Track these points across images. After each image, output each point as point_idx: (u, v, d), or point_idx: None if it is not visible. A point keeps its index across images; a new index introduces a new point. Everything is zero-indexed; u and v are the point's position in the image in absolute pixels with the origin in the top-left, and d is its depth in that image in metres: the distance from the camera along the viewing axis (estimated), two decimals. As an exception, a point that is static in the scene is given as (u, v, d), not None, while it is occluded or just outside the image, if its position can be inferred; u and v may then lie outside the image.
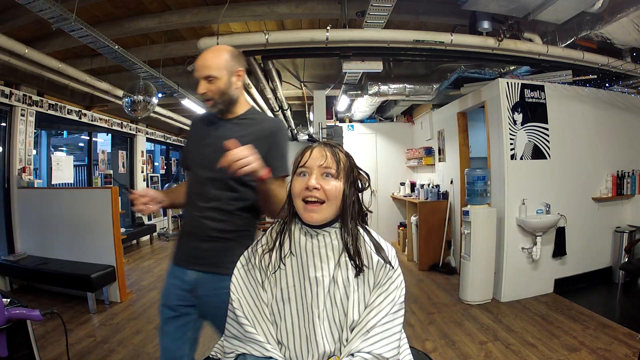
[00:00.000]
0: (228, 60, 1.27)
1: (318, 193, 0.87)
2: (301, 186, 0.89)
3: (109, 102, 4.97)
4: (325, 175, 0.89)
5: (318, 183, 0.87)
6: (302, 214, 0.89)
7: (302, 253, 0.90)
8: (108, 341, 2.71)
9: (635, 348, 2.36)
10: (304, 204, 0.88)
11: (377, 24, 2.81)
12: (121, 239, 3.66)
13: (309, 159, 0.90)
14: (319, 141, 0.97)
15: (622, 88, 4.03)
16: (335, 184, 0.89)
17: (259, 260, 0.93)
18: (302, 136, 8.67)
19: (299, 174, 0.91)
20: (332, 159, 0.90)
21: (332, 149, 0.92)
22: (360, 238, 0.91)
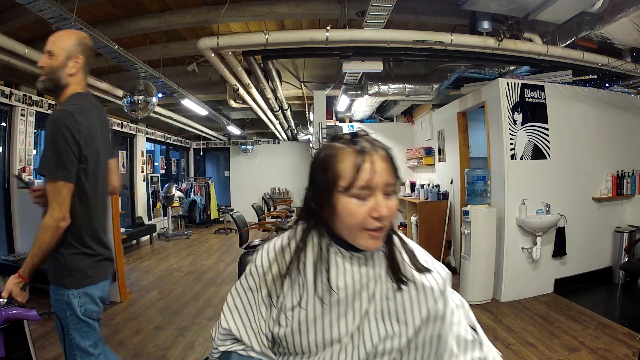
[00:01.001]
0: (73, 44, 1.30)
1: (386, 220, 0.70)
2: (364, 214, 0.68)
3: (109, 102, 4.97)
4: (387, 195, 0.70)
5: (387, 208, 0.69)
6: (362, 242, 0.71)
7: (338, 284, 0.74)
8: (108, 341, 2.71)
9: (635, 348, 2.36)
10: (367, 230, 0.70)
11: (377, 24, 2.81)
12: (121, 239, 3.66)
13: (375, 176, 0.68)
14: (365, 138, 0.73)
15: (622, 88, 4.03)
16: (395, 202, 0.72)
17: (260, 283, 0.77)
18: (302, 136, 8.67)
19: (355, 196, 0.68)
20: (392, 170, 0.72)
21: (391, 157, 0.73)
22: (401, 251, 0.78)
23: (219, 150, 10.51)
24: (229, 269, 4.82)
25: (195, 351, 2.58)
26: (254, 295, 0.77)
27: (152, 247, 6.56)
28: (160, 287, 4.10)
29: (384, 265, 0.76)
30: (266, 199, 8.65)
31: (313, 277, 0.73)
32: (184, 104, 4.88)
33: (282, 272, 0.76)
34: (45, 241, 1.19)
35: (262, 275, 0.77)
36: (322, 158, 0.73)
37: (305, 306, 0.73)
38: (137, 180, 6.96)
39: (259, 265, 0.78)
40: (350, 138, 0.72)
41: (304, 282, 0.74)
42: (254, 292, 0.77)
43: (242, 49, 3.13)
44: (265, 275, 0.76)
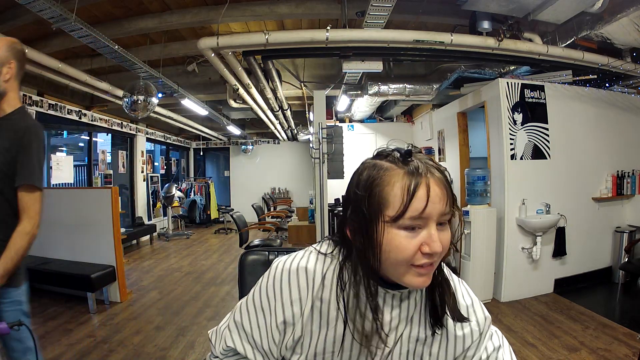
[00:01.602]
0: (4, 50, 1.25)
1: (438, 256, 0.60)
2: (414, 248, 0.58)
3: (109, 102, 4.97)
4: (440, 225, 0.60)
5: (440, 243, 0.59)
6: (406, 280, 0.61)
7: None
8: (108, 341, 2.71)
9: (635, 348, 2.36)
10: (414, 267, 0.60)
11: (377, 24, 2.81)
12: (121, 239, 3.66)
13: (429, 204, 0.57)
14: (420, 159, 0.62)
15: (622, 88, 4.03)
16: (449, 234, 0.61)
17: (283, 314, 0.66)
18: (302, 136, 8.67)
19: (404, 227, 0.58)
20: (449, 197, 0.60)
21: (447, 181, 0.62)
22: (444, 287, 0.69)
23: (219, 150, 10.51)
24: (229, 269, 4.82)
25: (195, 351, 2.58)
26: (266, 318, 0.68)
27: (152, 247, 6.56)
28: (160, 287, 4.10)
29: (420, 307, 0.69)
30: (266, 199, 8.66)
31: (344, 315, 0.64)
32: (184, 104, 4.88)
33: (302, 298, 0.66)
34: (24, 247, 1.23)
35: (279, 297, 0.67)
36: (364, 179, 0.61)
37: (325, 339, 0.66)
38: (137, 180, 6.96)
39: (277, 284, 0.67)
40: (401, 156, 0.61)
41: (329, 315, 0.65)
42: (266, 315, 0.68)
43: (242, 49, 3.13)
44: (282, 298, 0.66)
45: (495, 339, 0.75)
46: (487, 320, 0.72)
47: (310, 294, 0.65)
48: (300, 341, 0.67)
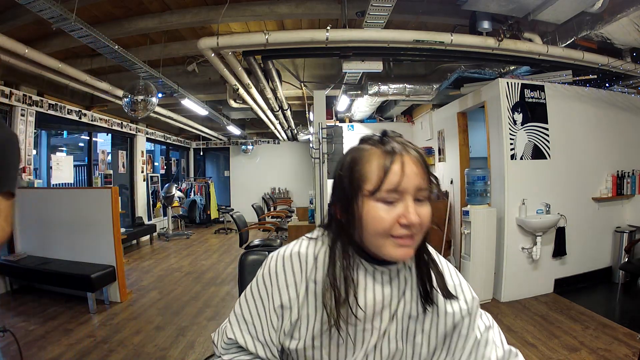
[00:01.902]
0: None
1: (416, 229, 0.64)
2: (391, 220, 0.62)
3: (109, 102, 4.97)
4: (418, 201, 0.64)
5: (418, 215, 0.63)
6: (388, 250, 0.64)
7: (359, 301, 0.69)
8: (108, 341, 2.71)
9: (635, 348, 2.36)
10: (394, 238, 0.64)
11: (377, 24, 2.81)
12: (121, 239, 3.66)
13: (404, 178, 0.62)
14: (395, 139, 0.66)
15: (622, 88, 4.03)
16: (427, 209, 0.65)
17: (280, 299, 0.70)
18: (302, 136, 8.68)
19: (382, 200, 0.63)
20: (425, 174, 0.65)
21: (423, 159, 0.66)
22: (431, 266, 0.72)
23: (219, 150, 10.51)
24: (229, 269, 4.82)
25: (195, 351, 2.58)
26: (264, 304, 0.71)
27: (152, 247, 6.56)
28: (160, 287, 4.10)
29: (410, 283, 0.72)
30: (266, 199, 8.66)
31: (334, 293, 0.66)
32: (184, 104, 4.88)
33: (297, 281, 0.69)
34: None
35: (274, 283, 0.70)
36: (348, 161, 0.67)
37: (321, 321, 0.68)
38: (137, 180, 6.96)
39: (272, 272, 0.71)
40: (380, 138, 0.67)
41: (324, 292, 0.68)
42: (264, 301, 0.71)
43: (242, 49, 3.13)
44: (278, 283, 0.70)
45: (485, 319, 0.78)
46: (475, 300, 0.76)
47: (304, 276, 0.69)
48: (297, 325, 0.69)
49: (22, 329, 2.87)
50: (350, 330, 0.69)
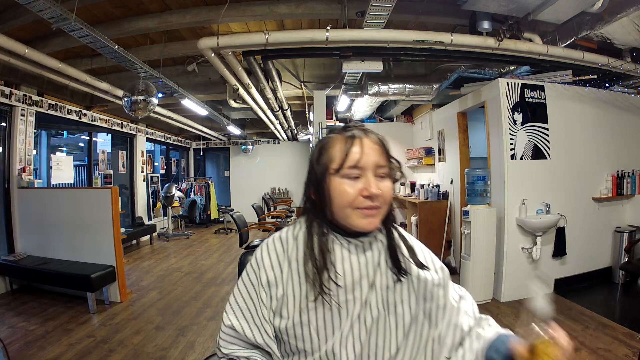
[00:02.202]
0: None
1: (379, 201, 0.72)
2: (355, 193, 0.72)
3: (109, 102, 4.97)
4: (379, 177, 0.74)
5: (378, 188, 0.72)
6: (355, 221, 0.73)
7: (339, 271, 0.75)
8: (108, 341, 2.71)
9: (635, 348, 2.36)
10: (359, 209, 0.73)
11: (377, 24, 2.81)
12: (121, 239, 3.66)
13: (363, 155, 0.72)
14: (359, 127, 0.77)
15: (622, 88, 4.03)
16: (388, 184, 0.75)
17: (266, 278, 0.77)
18: (302, 136, 8.67)
19: (346, 177, 0.73)
20: (385, 155, 0.76)
21: (382, 142, 0.77)
22: (399, 243, 0.80)
23: (219, 150, 10.51)
24: (229, 269, 4.82)
25: (195, 351, 2.58)
26: (254, 286, 0.77)
27: (152, 247, 6.56)
28: (160, 287, 4.10)
29: (384, 255, 0.78)
30: (266, 199, 8.65)
31: (313, 266, 0.73)
32: (184, 104, 4.88)
33: (281, 261, 0.77)
34: None
35: (261, 266, 0.78)
36: (318, 148, 0.78)
37: (306, 295, 0.73)
38: (137, 180, 6.96)
39: (258, 257, 0.79)
40: (343, 127, 0.78)
41: (304, 271, 0.74)
42: (254, 284, 0.77)
43: (242, 49, 3.13)
44: (264, 265, 0.77)
45: (458, 289, 0.86)
46: (445, 270, 0.83)
47: (286, 256, 0.77)
48: (284, 302, 0.75)
49: (22, 329, 2.87)
50: (333, 305, 0.73)
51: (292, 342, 0.75)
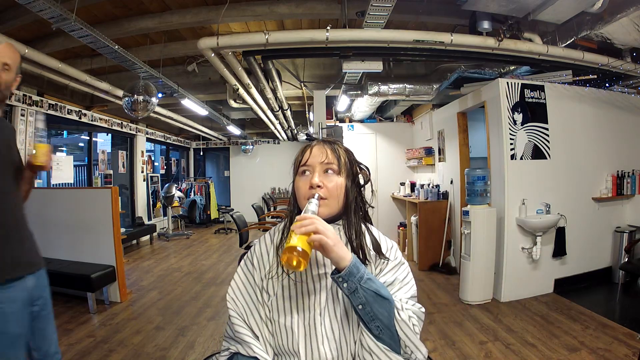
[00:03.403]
0: (20, 61, 1.28)
1: (322, 191, 0.87)
2: (305, 185, 0.89)
3: (109, 102, 4.97)
4: (327, 172, 0.89)
5: (321, 181, 0.88)
6: None
7: None
8: (108, 341, 2.71)
9: (635, 348, 2.36)
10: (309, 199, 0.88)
11: (377, 24, 2.81)
12: (121, 239, 3.66)
13: (310, 157, 0.91)
14: (318, 139, 0.97)
15: (622, 88, 4.02)
16: (337, 179, 0.89)
17: (257, 262, 0.94)
18: (301, 136, 8.68)
19: (301, 174, 0.92)
20: (333, 155, 0.91)
21: (332, 146, 0.93)
22: (364, 233, 0.92)
23: (219, 150, 10.51)
24: (229, 269, 4.82)
25: (195, 351, 2.58)
26: (249, 269, 0.95)
27: (152, 247, 6.56)
28: (160, 287, 4.10)
29: (344, 240, 0.89)
30: (266, 199, 8.65)
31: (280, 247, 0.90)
32: (184, 104, 4.88)
33: (268, 249, 0.95)
34: None
35: (253, 253, 0.96)
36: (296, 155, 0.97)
37: (288, 277, 0.89)
38: (137, 180, 6.96)
39: (251, 250, 0.98)
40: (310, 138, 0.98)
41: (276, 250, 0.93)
42: (249, 268, 0.95)
43: (242, 49, 3.13)
44: (255, 251, 0.96)
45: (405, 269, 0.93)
46: (395, 245, 0.95)
47: (274, 245, 0.94)
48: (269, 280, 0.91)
49: (22, 329, 2.87)
50: (309, 279, 0.88)
51: (276, 318, 0.89)
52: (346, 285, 0.76)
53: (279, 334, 0.88)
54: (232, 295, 0.94)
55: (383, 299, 0.79)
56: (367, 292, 0.77)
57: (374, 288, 0.78)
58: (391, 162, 5.99)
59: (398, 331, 0.80)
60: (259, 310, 0.90)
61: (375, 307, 0.77)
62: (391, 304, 0.80)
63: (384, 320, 0.78)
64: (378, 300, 0.78)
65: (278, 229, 0.98)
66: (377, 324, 0.78)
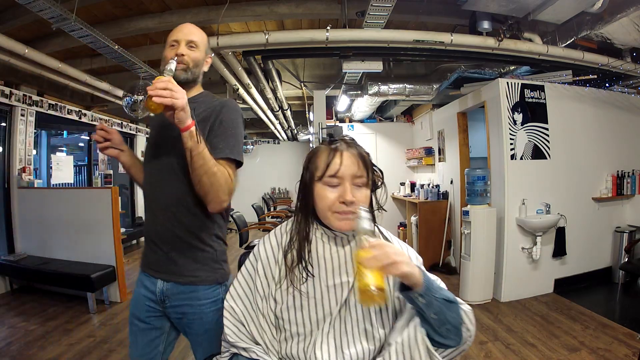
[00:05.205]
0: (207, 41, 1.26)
1: (354, 207, 0.81)
2: (333, 198, 0.82)
3: (109, 102, 4.97)
4: (357, 186, 0.84)
5: (354, 196, 0.82)
6: (333, 222, 0.84)
7: (321, 260, 0.86)
8: (108, 341, 2.71)
9: (635, 348, 2.36)
10: (337, 213, 0.83)
11: (377, 24, 2.81)
12: (121, 239, 3.66)
13: (341, 167, 0.83)
14: (340, 140, 0.88)
15: (622, 88, 4.03)
16: (365, 193, 0.85)
17: (263, 268, 0.89)
18: (302, 136, 8.67)
19: (327, 184, 0.84)
20: (364, 167, 0.85)
21: (362, 155, 0.86)
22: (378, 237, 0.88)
23: (219, 150, 10.49)
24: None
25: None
26: (252, 276, 0.90)
27: (152, 247, 6.54)
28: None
29: None
30: (266, 199, 8.65)
31: (299, 252, 0.86)
32: (184, 104, 4.87)
33: (275, 253, 0.89)
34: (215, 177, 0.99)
35: (258, 256, 0.91)
36: (308, 156, 0.90)
37: (296, 280, 0.85)
38: (137, 180, 6.95)
39: (256, 251, 0.93)
40: (330, 140, 0.88)
41: (294, 259, 0.86)
42: (251, 274, 0.90)
43: (242, 49, 3.14)
44: (260, 255, 0.90)
45: None
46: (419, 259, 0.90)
47: (281, 248, 0.89)
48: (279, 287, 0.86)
49: (22, 329, 2.87)
50: (323, 287, 0.85)
51: (287, 327, 0.85)
52: (423, 299, 0.74)
53: (288, 342, 0.86)
54: (231, 303, 0.90)
55: (452, 303, 0.77)
56: (440, 301, 0.75)
57: (445, 296, 0.76)
58: (391, 162, 5.99)
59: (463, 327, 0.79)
60: (259, 317, 0.87)
61: (447, 313, 0.76)
62: (458, 306, 0.78)
63: (452, 321, 0.77)
64: (448, 306, 0.77)
65: (285, 230, 0.92)
66: (448, 327, 0.77)
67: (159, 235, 1.13)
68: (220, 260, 1.16)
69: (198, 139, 0.96)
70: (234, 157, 1.06)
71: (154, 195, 1.17)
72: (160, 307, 1.14)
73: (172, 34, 1.18)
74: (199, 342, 1.13)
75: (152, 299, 1.14)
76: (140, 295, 1.17)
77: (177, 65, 1.12)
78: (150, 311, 1.15)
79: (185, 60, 1.16)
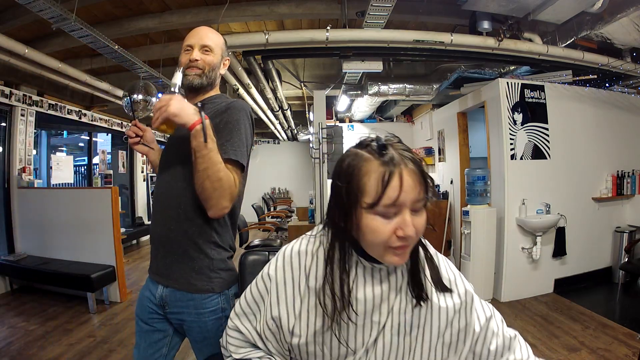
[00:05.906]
0: (223, 44, 1.27)
1: (412, 239, 0.65)
2: (389, 232, 0.63)
3: (109, 102, 4.97)
4: (415, 211, 0.64)
5: (414, 225, 0.64)
6: (386, 258, 0.66)
7: (360, 300, 0.71)
8: (108, 341, 2.71)
9: (635, 348, 2.36)
10: (391, 248, 0.65)
11: (377, 24, 2.81)
12: (121, 239, 3.66)
13: (401, 192, 0.61)
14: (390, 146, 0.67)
15: (622, 88, 4.03)
16: (424, 217, 0.66)
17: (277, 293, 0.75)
18: (302, 136, 8.67)
19: (381, 215, 0.63)
20: (423, 185, 0.64)
21: (422, 171, 0.65)
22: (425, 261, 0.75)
23: (219, 150, 10.49)
24: (229, 269, 4.81)
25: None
26: (263, 298, 0.77)
27: (152, 247, 6.54)
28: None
29: (406, 278, 0.73)
30: (266, 199, 8.65)
31: (331, 288, 0.69)
32: (184, 104, 4.86)
33: (295, 276, 0.74)
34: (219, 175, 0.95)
35: (274, 278, 0.75)
36: (345, 168, 0.67)
37: (322, 318, 0.70)
38: (137, 180, 6.96)
39: (272, 271, 0.76)
40: (378, 147, 0.66)
41: (321, 291, 0.70)
42: (263, 296, 0.77)
43: (242, 49, 3.13)
44: (277, 277, 0.75)
45: (486, 309, 0.79)
46: (469, 294, 0.76)
47: (304, 273, 0.73)
48: (299, 321, 0.72)
49: (22, 329, 2.87)
50: (351, 327, 0.70)
51: (304, 358, 0.74)
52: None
53: None
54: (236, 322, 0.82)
55: None
56: None
57: None
58: (391, 162, 5.98)
59: None
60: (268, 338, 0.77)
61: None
62: None
63: None
64: None
65: (310, 250, 0.75)
66: None
67: (159, 239, 1.12)
68: (217, 269, 1.07)
69: (205, 139, 0.92)
70: (235, 159, 1.02)
71: (157, 197, 1.17)
72: (162, 312, 1.14)
73: (186, 39, 1.19)
74: (199, 348, 1.11)
75: (154, 303, 1.14)
76: (144, 298, 1.17)
77: (192, 71, 1.14)
78: (153, 314, 1.15)
79: (200, 65, 1.16)
